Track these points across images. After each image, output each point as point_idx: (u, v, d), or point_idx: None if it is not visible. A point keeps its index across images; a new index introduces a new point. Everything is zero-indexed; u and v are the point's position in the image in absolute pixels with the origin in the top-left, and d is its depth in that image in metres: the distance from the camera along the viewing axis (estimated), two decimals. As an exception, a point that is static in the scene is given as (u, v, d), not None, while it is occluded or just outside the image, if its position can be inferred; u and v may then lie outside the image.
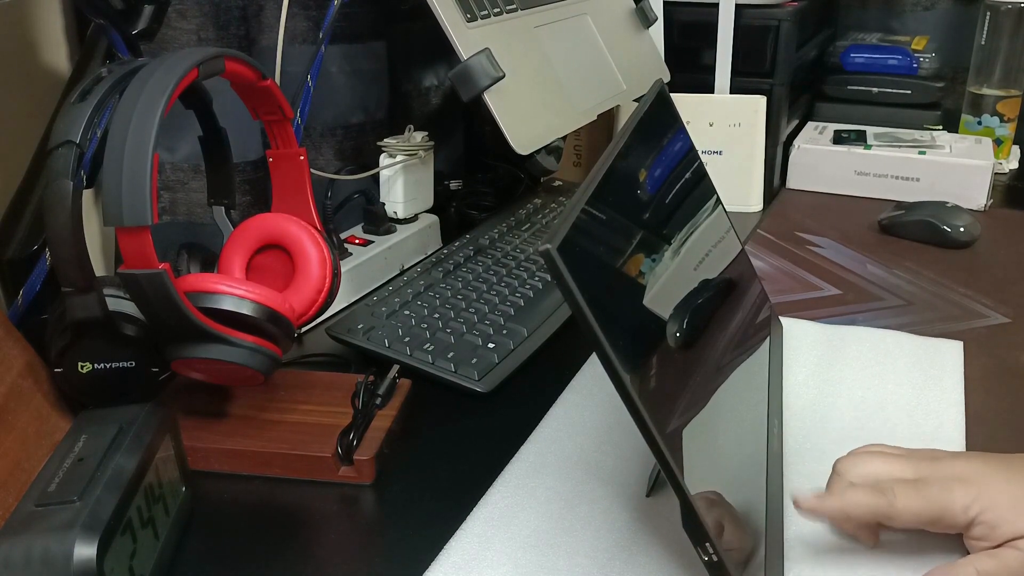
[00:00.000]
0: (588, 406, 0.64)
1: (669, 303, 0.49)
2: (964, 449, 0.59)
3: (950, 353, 0.70)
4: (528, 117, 0.78)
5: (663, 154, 0.56)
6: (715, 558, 0.42)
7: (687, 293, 0.52)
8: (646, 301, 0.46)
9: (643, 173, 0.52)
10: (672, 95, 0.62)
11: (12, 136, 0.78)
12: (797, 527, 0.52)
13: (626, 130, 0.50)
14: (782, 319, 0.75)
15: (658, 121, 0.57)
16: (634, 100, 0.97)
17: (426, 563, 0.50)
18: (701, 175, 0.62)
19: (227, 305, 0.56)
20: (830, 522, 0.52)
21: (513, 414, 0.65)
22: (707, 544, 0.42)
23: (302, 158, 0.68)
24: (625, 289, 0.45)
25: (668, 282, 0.50)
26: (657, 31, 1.07)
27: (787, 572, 0.48)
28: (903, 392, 0.65)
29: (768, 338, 0.67)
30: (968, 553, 0.49)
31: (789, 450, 0.59)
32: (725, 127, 1.05)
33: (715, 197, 0.64)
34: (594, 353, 0.71)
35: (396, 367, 0.64)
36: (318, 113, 0.90)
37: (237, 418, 0.61)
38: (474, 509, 0.54)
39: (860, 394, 0.65)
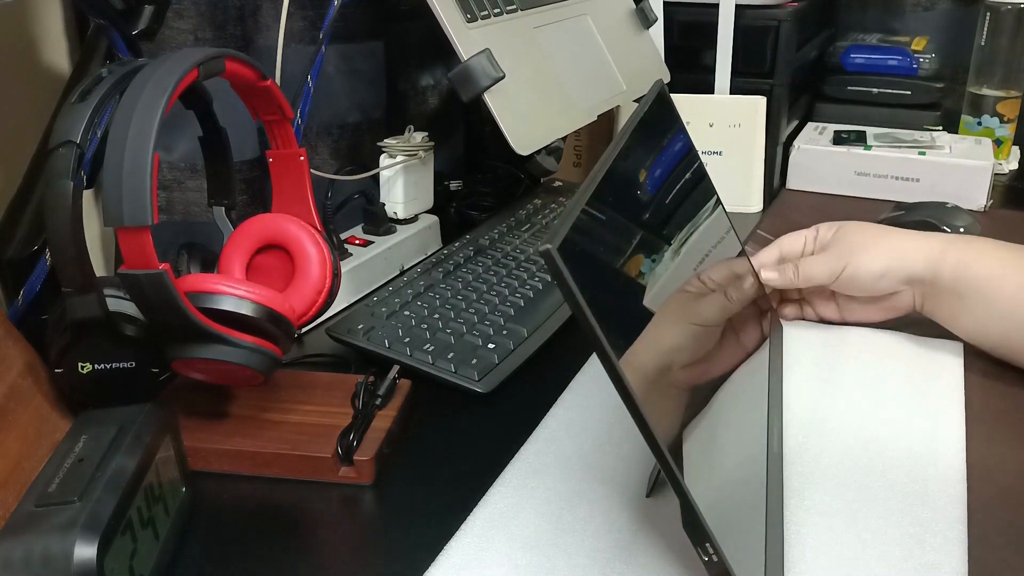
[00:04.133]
0: (588, 406, 0.64)
1: None
2: (964, 452, 0.59)
3: (950, 354, 0.70)
4: (528, 117, 0.78)
5: (663, 154, 0.56)
6: (715, 558, 0.42)
7: (687, 293, 0.52)
8: (646, 301, 0.46)
9: (643, 173, 0.52)
10: (672, 95, 0.62)
11: (12, 136, 0.78)
12: (796, 527, 0.52)
13: (626, 130, 0.50)
14: (782, 320, 0.75)
15: (658, 121, 0.57)
16: (634, 100, 0.97)
17: (426, 563, 0.50)
18: (701, 175, 0.62)
19: (227, 305, 0.56)
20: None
21: (513, 414, 0.65)
22: (707, 544, 0.42)
23: (302, 158, 0.68)
24: (625, 289, 0.45)
25: (668, 282, 0.50)
26: (657, 31, 1.07)
27: (787, 572, 0.48)
28: (903, 393, 0.65)
29: (768, 339, 0.67)
30: None
31: (789, 450, 0.59)
32: (725, 127, 1.05)
33: (715, 198, 0.64)
34: (594, 353, 0.71)
35: (396, 367, 0.64)
36: (316, 113, 0.90)
37: (237, 418, 0.61)
38: (474, 509, 0.54)
39: (860, 395, 0.65)
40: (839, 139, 1.11)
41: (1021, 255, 0.68)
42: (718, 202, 0.64)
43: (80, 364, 0.55)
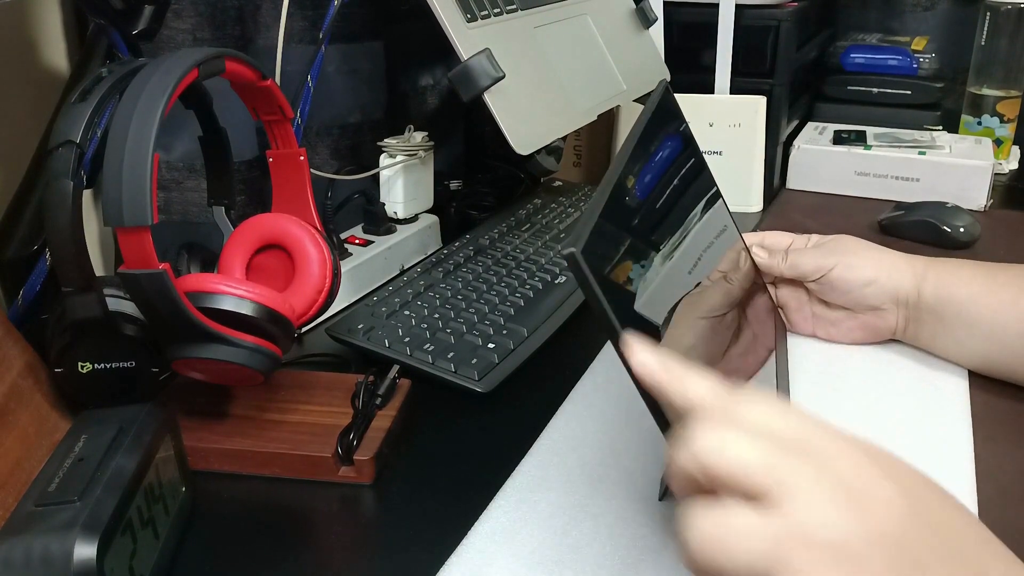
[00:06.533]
0: (588, 417, 0.63)
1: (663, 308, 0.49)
2: (973, 463, 0.58)
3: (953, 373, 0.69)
4: (528, 117, 0.78)
5: (670, 155, 0.55)
6: None
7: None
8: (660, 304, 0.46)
9: (652, 174, 0.52)
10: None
11: (12, 136, 0.78)
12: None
13: (635, 132, 0.50)
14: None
15: (665, 121, 0.57)
16: (635, 100, 0.97)
17: (426, 563, 0.50)
18: (704, 170, 0.62)
19: (227, 305, 0.56)
20: None
21: (513, 414, 0.65)
22: None
23: (302, 158, 0.68)
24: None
25: (677, 282, 0.50)
26: (657, 31, 1.07)
27: None
28: (909, 405, 0.64)
29: (776, 347, 0.66)
30: None
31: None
32: (725, 127, 1.05)
33: (715, 189, 0.63)
34: (596, 359, 0.71)
35: (396, 367, 0.64)
36: (316, 113, 0.90)
37: (237, 418, 0.61)
38: (475, 525, 0.52)
39: (865, 408, 0.64)
40: (839, 139, 1.11)
41: (999, 276, 0.67)
42: (717, 194, 0.63)
43: (80, 364, 0.55)
